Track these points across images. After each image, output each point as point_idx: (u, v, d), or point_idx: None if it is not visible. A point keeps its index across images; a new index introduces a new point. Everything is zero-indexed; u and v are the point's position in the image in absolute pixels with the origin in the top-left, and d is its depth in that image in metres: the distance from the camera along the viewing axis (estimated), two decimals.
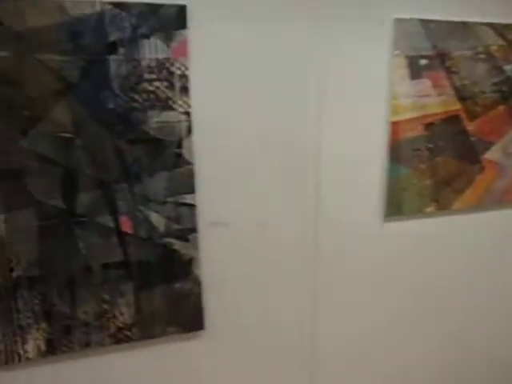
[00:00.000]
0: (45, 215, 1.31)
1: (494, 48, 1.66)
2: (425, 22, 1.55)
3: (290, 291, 1.64)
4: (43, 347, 1.40)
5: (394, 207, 1.69)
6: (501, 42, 1.66)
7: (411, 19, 1.53)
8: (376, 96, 1.59)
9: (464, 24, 1.60)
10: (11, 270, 1.32)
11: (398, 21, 1.52)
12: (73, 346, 1.43)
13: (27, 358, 1.40)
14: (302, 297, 1.66)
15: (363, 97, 1.58)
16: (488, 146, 1.77)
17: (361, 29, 1.52)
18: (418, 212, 1.73)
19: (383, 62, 1.56)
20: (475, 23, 1.62)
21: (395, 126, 1.61)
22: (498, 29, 1.65)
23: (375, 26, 1.52)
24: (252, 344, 1.64)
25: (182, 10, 1.30)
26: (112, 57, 1.27)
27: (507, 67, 1.70)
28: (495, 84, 1.71)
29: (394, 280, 1.78)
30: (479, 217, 1.83)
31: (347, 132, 1.59)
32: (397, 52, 1.55)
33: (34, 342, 1.39)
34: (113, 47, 1.27)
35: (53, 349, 1.41)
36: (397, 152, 1.63)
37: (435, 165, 1.70)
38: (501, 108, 1.74)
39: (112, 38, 1.26)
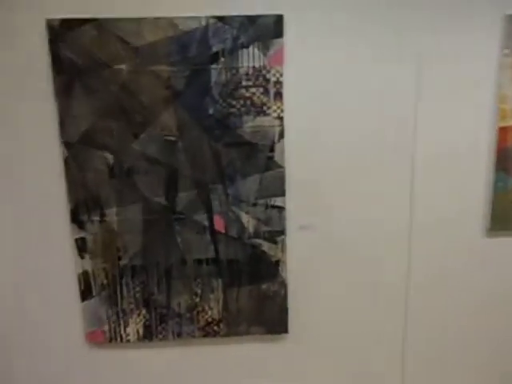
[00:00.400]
0: (149, 210, 1.45)
1: None
2: None
3: (384, 305, 1.57)
4: (141, 332, 1.54)
5: (501, 222, 1.53)
6: None
7: None
8: (482, 99, 1.47)
9: None
10: (119, 258, 1.48)
11: (509, 17, 1.40)
12: (167, 334, 1.54)
13: (127, 341, 1.54)
14: (393, 310, 1.58)
15: (467, 100, 1.47)
16: None
17: (466, 25, 1.42)
18: None
19: (491, 61, 1.44)
20: None
21: (503, 133, 1.47)
22: None
23: (483, 23, 1.42)
24: (335, 353, 1.60)
25: (279, 19, 1.35)
26: (213, 66, 1.37)
27: None
28: None
29: (495, 301, 1.60)
30: None
31: (447, 137, 1.49)
32: (507, 51, 1.42)
33: (134, 326, 1.53)
34: (215, 57, 1.37)
35: (150, 335, 1.54)
36: (505, 161, 1.49)
37: None
38: None
39: (214, 48, 1.36)
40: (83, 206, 1.43)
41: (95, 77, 1.36)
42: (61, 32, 1.32)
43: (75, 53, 1.34)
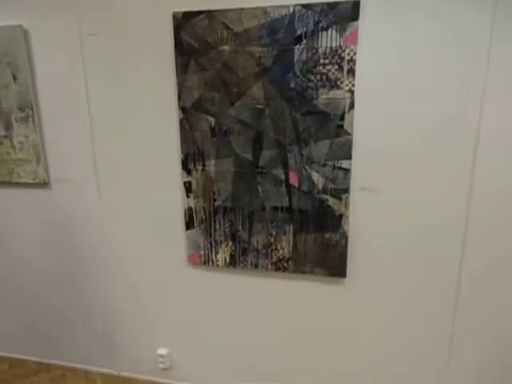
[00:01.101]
0: (239, 164, 1.83)
1: None
2: None
3: (434, 260, 1.74)
4: (228, 259, 1.96)
5: None
6: None
7: None
8: None
9: None
10: (214, 200, 1.90)
11: None
12: (246, 264, 1.94)
13: (217, 265, 1.98)
14: (445, 268, 1.74)
15: None
16: None
17: None
18: None
19: None
20: None
21: None
22: None
23: None
24: (386, 302, 1.83)
25: (356, 4, 1.56)
26: (297, 46, 1.65)
27: None
28: None
29: None
30: None
31: None
32: None
33: (222, 254, 1.96)
34: (298, 39, 1.64)
35: (234, 262, 1.96)
36: None
37: None
38: None
39: (298, 32, 1.63)
40: (191, 157, 1.87)
41: (205, 56, 1.74)
42: (182, 22, 1.73)
43: (192, 38, 1.73)
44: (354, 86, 1.63)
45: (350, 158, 1.71)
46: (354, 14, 1.57)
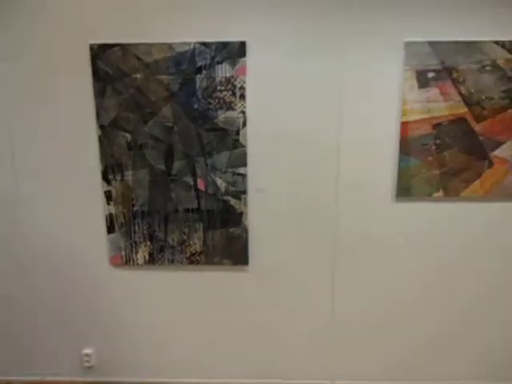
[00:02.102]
0: (154, 173, 2.13)
1: (501, 61, 1.96)
2: (433, 44, 1.96)
3: (314, 242, 2.20)
4: (147, 258, 2.23)
5: (404, 190, 2.11)
6: (509, 55, 1.96)
7: (421, 42, 1.96)
8: (390, 102, 2.04)
9: (471, 43, 1.95)
10: (133, 205, 2.17)
11: (409, 44, 1.96)
12: (164, 260, 2.22)
13: (137, 264, 2.24)
14: (324, 249, 2.20)
15: (380, 102, 2.05)
16: (497, 144, 2.05)
17: (379, 49, 2.00)
18: (427, 196, 2.11)
19: (396, 75, 2.01)
20: (482, 41, 1.95)
21: (404, 126, 2.04)
22: (506, 45, 1.95)
23: (391, 48, 1.99)
24: (282, 280, 2.24)
25: (242, 44, 1.98)
26: (198, 76, 2.02)
27: None
28: (504, 91, 2.00)
29: (401, 248, 2.19)
30: (487, 206, 2.11)
31: (366, 128, 2.07)
32: (406, 67, 1.99)
33: (142, 254, 2.22)
34: (199, 70, 2.01)
35: (152, 260, 2.23)
36: (406, 146, 2.06)
37: (443, 158, 2.06)
38: (510, 112, 2.02)
39: (199, 64, 2.01)
40: (110, 169, 2.13)
41: (120, 82, 2.04)
42: (99, 52, 2.01)
43: (108, 66, 2.02)
44: (245, 107, 2.05)
45: (245, 165, 2.11)
46: (241, 51, 1.99)
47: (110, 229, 2.20)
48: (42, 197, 2.19)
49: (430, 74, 2.00)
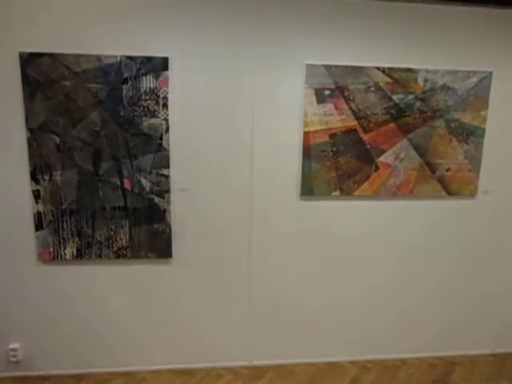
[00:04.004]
0: (82, 174, 2.29)
1: (382, 83, 2.39)
2: (328, 67, 2.34)
3: (233, 238, 2.47)
4: (75, 253, 2.37)
5: (307, 190, 2.46)
6: (388, 79, 2.39)
7: (318, 65, 2.34)
8: (295, 114, 2.40)
9: (358, 67, 2.36)
10: (61, 203, 2.31)
11: (309, 66, 2.33)
12: (91, 255, 2.38)
13: (65, 259, 2.37)
14: (240, 243, 2.49)
15: (286, 114, 2.40)
16: (381, 152, 2.48)
17: (285, 69, 2.35)
18: (326, 195, 2.48)
19: (299, 91, 2.37)
20: (367, 67, 2.37)
21: (306, 135, 2.40)
22: (385, 70, 2.38)
23: (295, 68, 2.34)
24: (203, 270, 2.49)
25: (165, 59, 2.23)
26: (124, 86, 2.23)
27: (395, 97, 2.42)
28: (385, 108, 2.43)
29: (303, 240, 2.54)
30: (375, 204, 2.53)
31: (274, 136, 2.40)
32: (307, 85, 2.35)
33: (70, 249, 2.36)
34: (125, 80, 2.23)
35: (80, 255, 2.38)
36: (308, 152, 2.42)
37: (338, 163, 2.45)
38: (391, 125, 2.45)
39: (125, 75, 2.23)
40: (39, 169, 2.26)
41: (49, 88, 2.19)
42: (28, 60, 2.15)
43: (37, 73, 2.17)
44: (167, 115, 2.29)
45: (168, 167, 2.34)
46: (163, 65, 2.24)
47: (39, 226, 2.32)
48: None
49: (326, 92, 2.38)
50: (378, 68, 2.39)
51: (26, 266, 2.37)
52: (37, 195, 2.29)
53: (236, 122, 2.37)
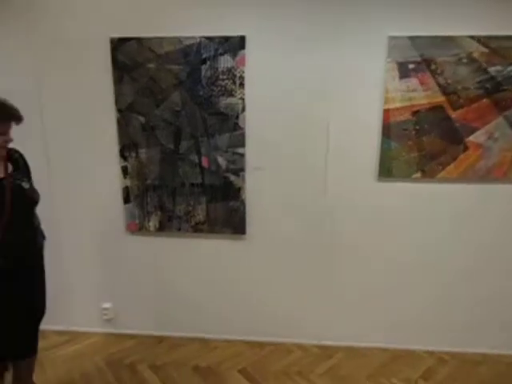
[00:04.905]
0: (164, 152, 2.43)
1: (476, 54, 2.15)
2: (412, 38, 2.17)
3: (307, 219, 2.47)
4: (157, 226, 2.55)
5: (386, 171, 2.34)
6: (483, 49, 2.15)
7: (402, 36, 2.17)
8: (374, 91, 2.27)
9: (448, 37, 2.15)
10: (145, 179, 2.48)
11: (391, 38, 2.18)
12: (172, 228, 2.54)
13: (149, 231, 2.57)
14: (314, 224, 2.47)
15: (365, 91, 2.28)
16: (472, 130, 2.25)
17: (365, 43, 2.22)
18: (406, 177, 2.34)
19: (380, 66, 2.23)
20: (459, 36, 2.15)
21: (386, 112, 2.27)
22: (481, 39, 2.14)
23: (376, 41, 2.21)
24: (276, 248, 2.53)
25: (242, 38, 2.24)
26: (203, 66, 2.30)
27: (491, 69, 2.17)
28: (479, 82, 2.19)
29: (381, 223, 2.44)
30: (461, 187, 2.33)
31: (352, 114, 2.31)
32: (389, 59, 2.20)
33: (153, 222, 2.55)
34: (204, 61, 2.29)
35: (162, 228, 2.55)
36: (388, 131, 2.29)
37: (421, 142, 2.29)
38: (485, 101, 2.21)
39: (204, 55, 2.28)
40: (127, 147, 2.45)
41: (136, 71, 2.33)
42: (117, 45, 2.31)
43: (125, 57, 2.32)
44: (244, 95, 2.32)
45: (244, 146, 2.38)
46: (241, 45, 2.25)
47: (127, 199, 2.53)
48: (70, 173, 2.54)
49: (411, 66, 2.21)
50: (472, 37, 2.15)
51: (116, 236, 2.61)
52: (125, 171, 2.49)
53: (313, 101, 2.32)
